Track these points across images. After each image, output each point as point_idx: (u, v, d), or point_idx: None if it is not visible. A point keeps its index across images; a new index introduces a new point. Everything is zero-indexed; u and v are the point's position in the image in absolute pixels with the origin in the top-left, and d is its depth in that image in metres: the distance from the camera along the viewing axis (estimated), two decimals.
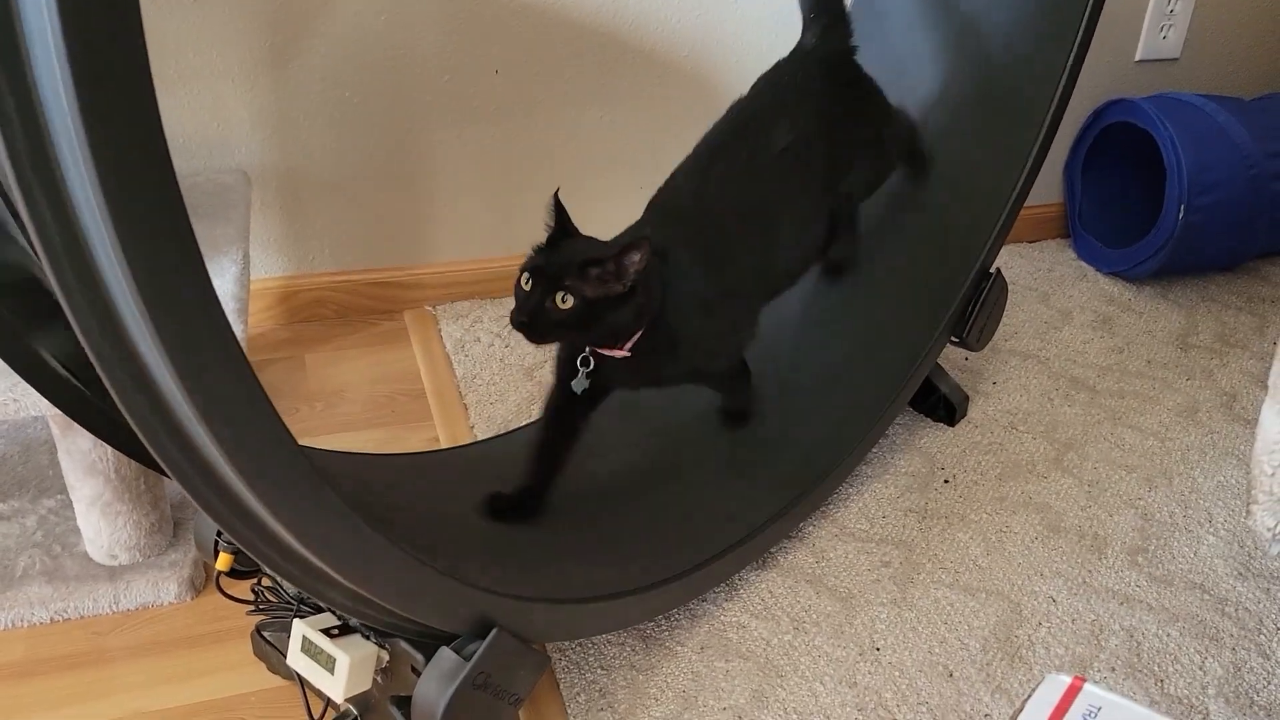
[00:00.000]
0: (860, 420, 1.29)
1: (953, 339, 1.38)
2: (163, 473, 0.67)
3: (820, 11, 1.28)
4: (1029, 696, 0.64)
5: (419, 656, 0.84)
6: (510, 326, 0.98)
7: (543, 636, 0.92)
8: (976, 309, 1.36)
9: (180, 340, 0.56)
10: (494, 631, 0.83)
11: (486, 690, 0.83)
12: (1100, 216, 1.91)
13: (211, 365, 0.58)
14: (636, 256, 0.98)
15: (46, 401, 0.98)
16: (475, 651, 0.82)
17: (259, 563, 0.72)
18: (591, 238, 1.04)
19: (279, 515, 0.65)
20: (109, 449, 1.06)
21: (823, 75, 1.26)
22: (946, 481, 1.33)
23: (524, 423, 1.30)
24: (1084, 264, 1.90)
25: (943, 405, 1.44)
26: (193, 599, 1.13)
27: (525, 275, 0.99)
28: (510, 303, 1.01)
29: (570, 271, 0.98)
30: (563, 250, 1.01)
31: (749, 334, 1.19)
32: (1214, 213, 1.69)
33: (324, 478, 0.66)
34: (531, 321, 0.97)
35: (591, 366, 1.07)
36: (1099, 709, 0.62)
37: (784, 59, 1.28)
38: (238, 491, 0.65)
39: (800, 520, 1.23)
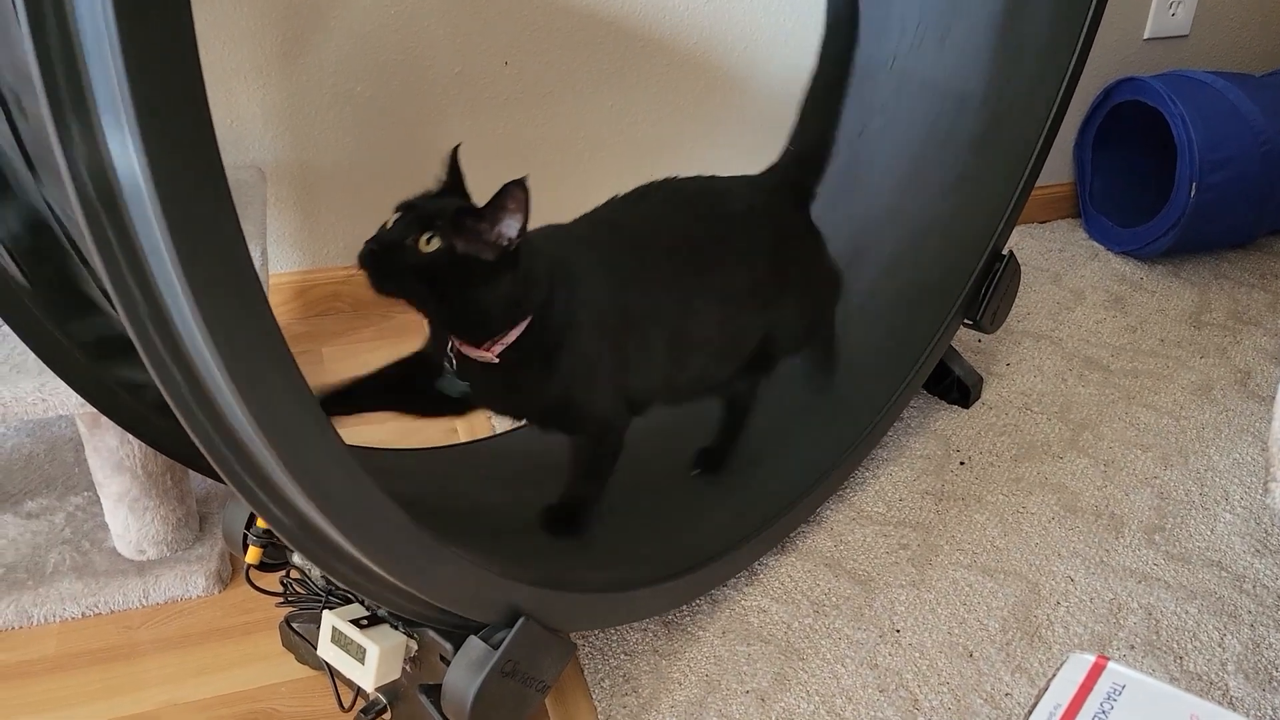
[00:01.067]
0: (875, 404, 1.30)
1: (966, 321, 1.39)
2: (203, 470, 0.69)
3: (798, 160, 1.19)
4: (1053, 676, 0.65)
5: (448, 646, 0.86)
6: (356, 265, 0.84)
7: (568, 625, 0.94)
8: (989, 291, 1.37)
9: (236, 354, 0.59)
10: (521, 620, 0.84)
11: (514, 678, 0.85)
12: (1111, 196, 1.91)
13: (265, 375, 0.61)
14: (514, 210, 0.84)
15: (75, 399, 1.00)
16: (503, 640, 0.83)
17: (297, 551, 0.73)
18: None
19: (326, 510, 0.67)
20: (136, 445, 1.08)
21: (788, 206, 1.18)
22: (962, 464, 1.34)
23: None
24: (1095, 243, 1.90)
25: (957, 388, 1.44)
26: (220, 592, 1.15)
27: (396, 214, 0.86)
28: None
29: (445, 215, 0.84)
30: (444, 199, 0.89)
31: (623, 407, 1.02)
32: (1226, 190, 1.69)
33: (370, 474, 0.68)
34: (382, 253, 0.83)
35: (455, 366, 0.93)
36: (1123, 687, 0.63)
37: (764, 172, 1.21)
38: (280, 484, 0.67)
39: (818, 505, 1.24)
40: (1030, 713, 0.65)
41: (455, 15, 1.52)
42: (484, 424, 1.40)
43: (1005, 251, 1.38)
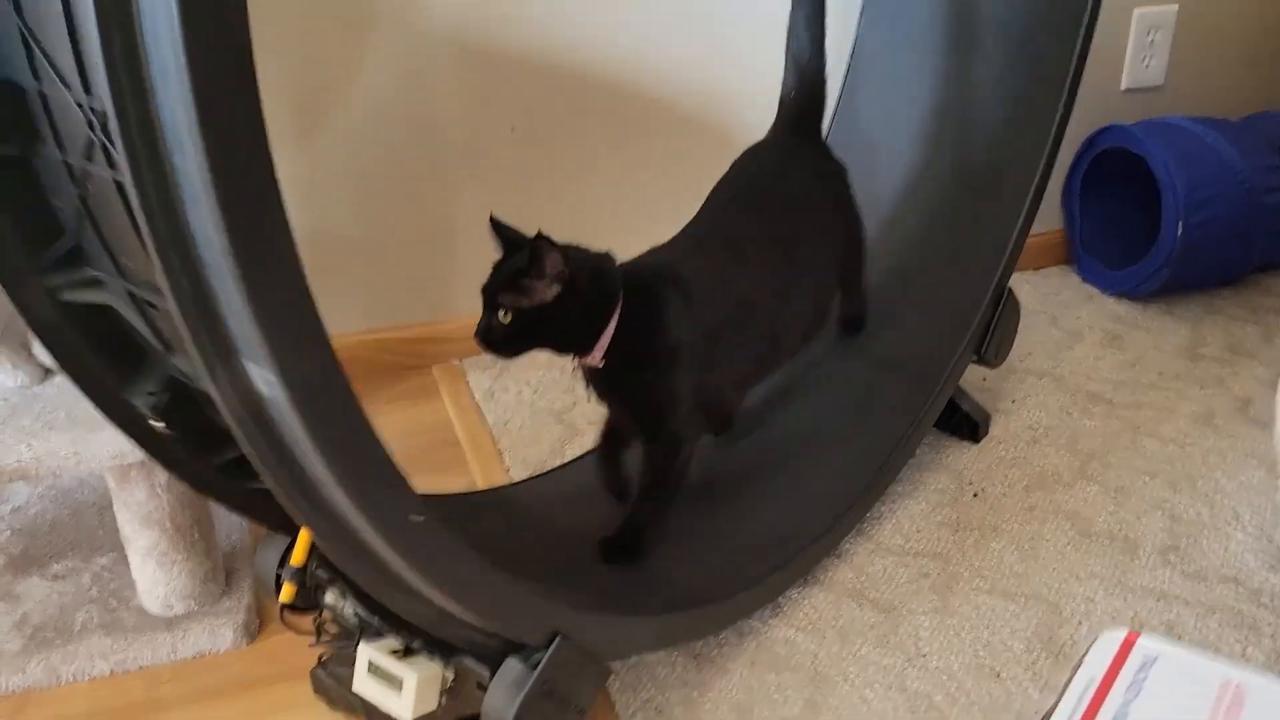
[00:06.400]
0: (893, 438, 1.32)
1: (973, 357, 1.42)
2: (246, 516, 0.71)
3: (800, 94, 1.33)
4: (1085, 653, 0.67)
5: (484, 671, 0.87)
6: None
7: (601, 647, 0.94)
8: (994, 327, 1.41)
9: (319, 418, 0.69)
10: (558, 639, 0.85)
11: (552, 699, 0.86)
12: (1102, 239, 1.96)
13: (342, 428, 0.71)
14: (549, 254, 1.00)
15: (106, 453, 1.03)
16: (541, 660, 0.84)
17: (343, 568, 0.75)
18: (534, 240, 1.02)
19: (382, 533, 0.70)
20: (164, 499, 1.10)
21: (796, 161, 1.31)
22: (976, 495, 1.36)
23: (559, 463, 1.34)
24: (1090, 286, 1.94)
25: (966, 424, 1.47)
26: (249, 645, 1.16)
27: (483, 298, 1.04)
28: None
29: (503, 287, 1.02)
30: (499, 274, 1.04)
31: (698, 408, 1.13)
32: (1211, 228, 1.73)
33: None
34: (486, 340, 1.03)
35: (582, 376, 1.11)
36: (1155, 659, 0.65)
37: (760, 144, 1.33)
38: (353, 523, 0.70)
39: (840, 539, 1.26)
40: (1064, 692, 0.66)
41: (462, 86, 1.58)
42: (501, 473, 1.42)
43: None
